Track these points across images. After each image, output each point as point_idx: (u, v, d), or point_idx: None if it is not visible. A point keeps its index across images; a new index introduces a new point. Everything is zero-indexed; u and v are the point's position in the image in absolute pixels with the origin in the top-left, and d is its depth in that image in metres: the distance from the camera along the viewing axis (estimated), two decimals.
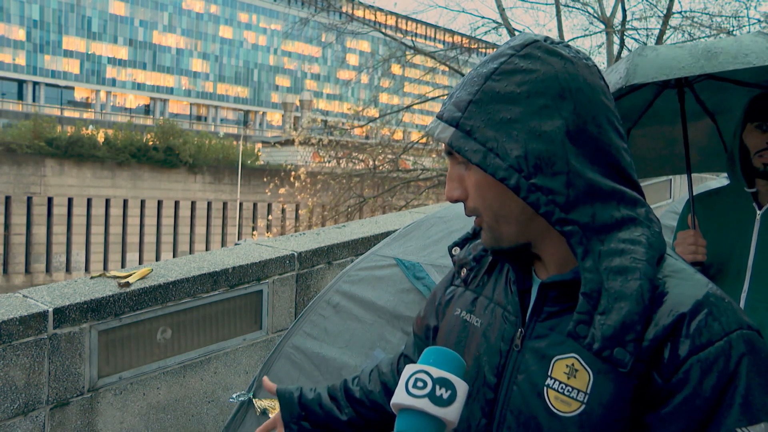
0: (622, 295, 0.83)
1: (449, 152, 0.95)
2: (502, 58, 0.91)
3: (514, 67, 0.89)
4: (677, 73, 1.86)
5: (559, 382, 0.88)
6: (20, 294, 2.62)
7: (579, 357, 0.87)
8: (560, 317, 0.91)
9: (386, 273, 2.59)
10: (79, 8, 62.02)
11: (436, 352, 0.88)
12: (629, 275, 0.84)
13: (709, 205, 2.09)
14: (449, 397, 0.83)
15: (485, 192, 0.92)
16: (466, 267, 1.09)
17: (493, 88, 0.88)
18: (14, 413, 2.39)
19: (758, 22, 13.51)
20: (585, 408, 0.85)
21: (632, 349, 0.81)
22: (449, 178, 0.95)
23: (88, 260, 32.68)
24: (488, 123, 0.87)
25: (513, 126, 0.87)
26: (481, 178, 0.91)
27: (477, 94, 0.89)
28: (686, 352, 0.81)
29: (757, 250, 1.92)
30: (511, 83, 0.88)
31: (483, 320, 1.02)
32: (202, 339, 3.02)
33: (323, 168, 18.45)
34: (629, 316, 0.82)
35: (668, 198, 8.44)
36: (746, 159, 1.96)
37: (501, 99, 0.88)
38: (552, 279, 0.93)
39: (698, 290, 0.85)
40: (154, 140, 34.50)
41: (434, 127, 0.93)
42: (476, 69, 0.93)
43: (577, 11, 14.81)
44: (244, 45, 72.53)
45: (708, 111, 2.39)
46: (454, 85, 0.97)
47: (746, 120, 1.95)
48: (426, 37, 50.08)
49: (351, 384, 1.30)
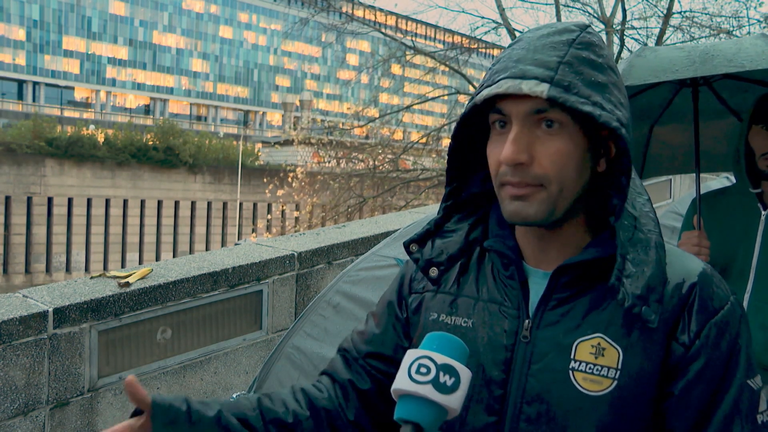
0: (644, 261, 0.91)
1: (528, 114, 0.89)
2: (575, 31, 0.93)
3: (589, 41, 0.92)
4: (670, 76, 1.86)
5: (586, 363, 0.90)
6: (20, 294, 2.61)
7: (605, 336, 0.91)
8: (571, 302, 0.94)
9: (386, 273, 2.58)
10: (79, 8, 62.00)
11: (440, 337, 0.85)
12: (647, 245, 0.93)
13: (713, 206, 2.09)
14: (453, 384, 0.81)
15: (567, 161, 0.90)
16: (437, 267, 1.03)
17: (579, 54, 0.90)
18: (14, 413, 2.39)
19: (758, 23, 13.51)
20: (617, 384, 0.89)
21: (656, 309, 0.89)
22: (515, 140, 0.89)
23: (88, 260, 32.67)
24: (583, 82, 0.89)
25: (605, 90, 0.90)
26: (567, 146, 0.90)
27: (566, 57, 0.89)
28: (704, 317, 0.90)
29: (762, 250, 1.92)
30: (592, 53, 0.91)
31: (475, 320, 0.99)
32: (202, 339, 3.02)
33: (323, 168, 18.44)
34: (652, 279, 0.90)
35: (668, 198, 8.44)
36: (751, 160, 1.96)
37: (589, 65, 0.90)
38: (572, 260, 0.94)
39: (697, 263, 0.95)
40: (154, 140, 34.49)
41: (516, 84, 0.87)
42: (541, 38, 0.92)
43: (577, 11, 14.81)
44: (244, 45, 72.52)
45: (732, 110, 2.38)
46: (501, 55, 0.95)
47: (752, 121, 1.94)
48: (426, 37, 50.10)
49: (267, 404, 1.06)
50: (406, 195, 17.10)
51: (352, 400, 1.08)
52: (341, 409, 1.08)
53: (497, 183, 0.94)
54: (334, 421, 1.07)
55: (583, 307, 0.93)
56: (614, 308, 0.91)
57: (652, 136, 2.58)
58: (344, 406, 1.08)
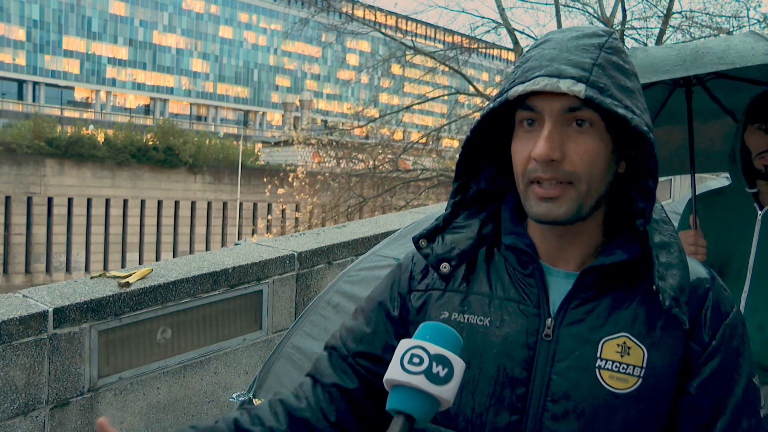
0: (671, 264, 0.94)
1: (564, 111, 0.90)
2: (602, 36, 0.94)
3: (617, 46, 0.94)
4: (661, 75, 1.86)
5: (612, 362, 0.92)
6: (20, 294, 2.62)
7: (630, 335, 0.93)
8: (596, 301, 0.95)
9: (386, 273, 2.58)
10: (79, 8, 62.00)
11: (433, 327, 0.84)
12: (671, 249, 0.95)
13: (710, 206, 2.09)
14: (446, 375, 0.79)
15: (596, 160, 0.92)
16: (449, 263, 1.01)
17: (610, 59, 0.92)
18: (14, 413, 2.39)
19: (758, 23, 13.51)
20: (642, 382, 0.92)
21: (686, 311, 0.92)
22: (549, 137, 0.90)
23: (88, 260, 32.66)
24: (615, 86, 0.91)
25: (633, 95, 0.92)
26: (597, 145, 0.91)
27: (598, 60, 0.91)
28: (719, 319, 0.95)
29: (758, 250, 1.92)
30: (620, 59, 0.93)
31: (492, 318, 0.98)
32: (202, 339, 3.02)
33: (323, 168, 18.44)
34: (682, 281, 0.93)
35: (668, 198, 8.45)
36: (747, 160, 1.96)
37: (619, 69, 0.92)
38: (601, 261, 0.94)
39: (704, 267, 1.00)
40: (154, 140, 34.48)
41: (553, 82, 0.88)
42: (571, 40, 0.93)
43: (577, 11, 14.83)
44: (244, 45, 72.50)
45: (726, 109, 2.38)
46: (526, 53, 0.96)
47: (748, 121, 1.94)
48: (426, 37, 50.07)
49: (244, 424, 1.04)
50: (406, 195, 17.10)
51: (336, 401, 1.06)
52: (322, 413, 1.06)
53: (525, 180, 0.93)
54: (314, 429, 1.05)
55: (606, 306, 0.95)
56: (637, 307, 0.94)
57: None
58: (326, 409, 1.06)
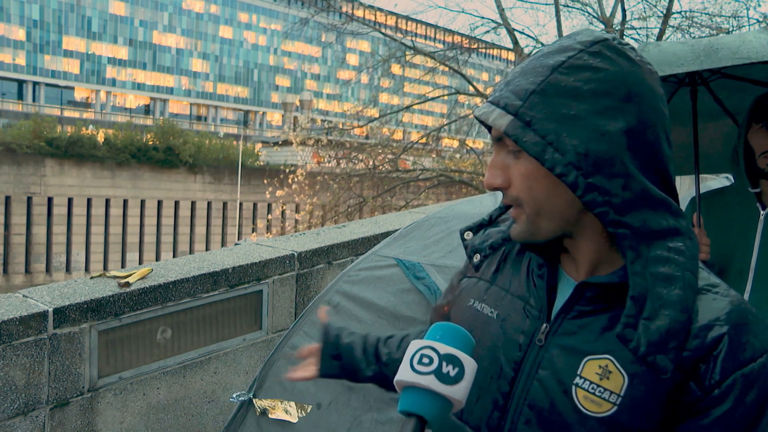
0: (667, 302, 0.83)
1: (498, 138, 0.92)
2: (570, 52, 0.88)
3: (583, 63, 0.87)
4: (676, 69, 1.85)
5: (590, 382, 0.88)
6: (20, 294, 2.61)
7: (614, 359, 0.87)
8: (593, 317, 0.91)
9: (386, 273, 2.59)
10: (79, 8, 61.97)
11: (444, 327, 0.83)
12: (674, 283, 0.85)
13: (712, 206, 2.09)
14: (456, 374, 0.78)
15: (533, 183, 0.89)
16: (479, 253, 1.05)
17: (559, 82, 0.86)
18: (14, 413, 2.39)
19: (758, 23, 13.51)
20: (616, 410, 0.86)
21: (673, 357, 0.83)
22: (492, 165, 0.92)
23: (88, 260, 32.65)
24: (550, 116, 0.86)
25: (576, 122, 0.85)
26: (533, 170, 0.88)
27: (541, 85, 0.87)
28: (731, 366, 0.83)
29: (761, 250, 1.92)
30: (578, 79, 0.86)
31: (500, 311, 1.00)
32: (202, 339, 3.02)
33: (323, 168, 18.44)
34: (674, 323, 0.83)
35: None
36: (751, 159, 1.95)
37: (566, 93, 0.86)
38: (596, 279, 0.92)
39: (737, 306, 0.87)
40: (154, 140, 34.47)
41: (488, 112, 0.90)
42: (538, 59, 0.90)
43: (577, 11, 14.82)
44: (244, 45, 72.47)
45: (727, 111, 2.38)
46: (509, 71, 0.96)
47: (751, 120, 1.94)
48: (426, 37, 50.05)
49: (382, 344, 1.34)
50: (406, 195, 17.11)
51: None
52: None
53: None
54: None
55: (601, 324, 0.90)
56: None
57: None
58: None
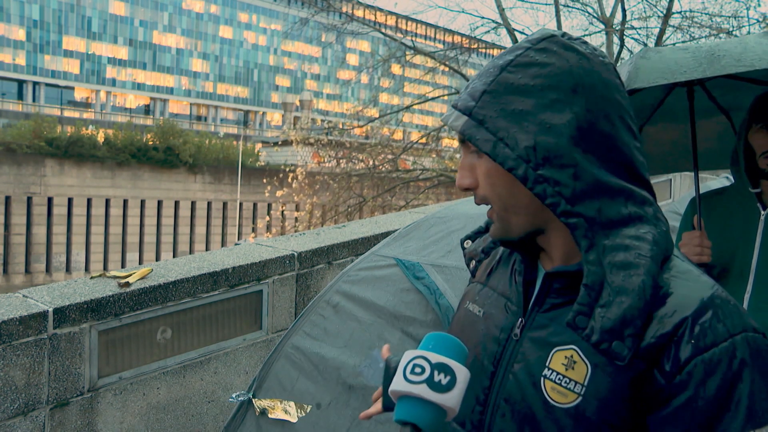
0: (623, 289, 0.83)
1: (462, 140, 0.95)
2: (518, 50, 0.92)
3: (529, 60, 0.90)
4: (679, 77, 1.85)
5: (556, 373, 0.89)
6: (20, 294, 2.61)
7: (578, 349, 0.88)
8: (562, 309, 0.93)
9: (386, 273, 2.59)
10: (79, 8, 61.97)
11: (436, 337, 0.85)
12: (632, 270, 0.84)
13: (712, 206, 2.09)
14: (448, 383, 0.80)
15: (495, 180, 0.92)
16: (475, 259, 1.12)
17: (508, 80, 0.90)
18: (14, 413, 2.39)
19: (758, 23, 13.51)
20: (581, 400, 0.86)
21: (630, 344, 0.82)
22: (461, 167, 0.96)
23: (88, 260, 32.66)
24: (500, 113, 0.89)
25: (525, 117, 0.88)
26: (491, 167, 0.92)
27: (491, 85, 0.90)
28: (690, 352, 0.81)
29: (761, 251, 1.92)
30: (525, 75, 0.89)
31: (485, 309, 1.04)
32: (202, 339, 3.02)
33: (323, 168, 18.45)
34: (630, 310, 0.82)
35: (668, 198, 8.43)
36: (751, 160, 1.95)
37: (515, 90, 0.89)
38: (556, 269, 0.94)
39: (703, 292, 0.86)
40: (154, 140, 34.49)
41: (449, 115, 0.94)
42: (494, 60, 0.95)
43: (577, 11, 14.86)
44: (244, 45, 72.47)
45: (722, 108, 2.38)
46: (470, 77, 1.01)
47: (751, 120, 1.93)
48: (426, 37, 50.06)
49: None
50: (406, 195, 17.13)
51: None
52: None
53: None
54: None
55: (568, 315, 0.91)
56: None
57: (643, 135, 2.59)
58: None
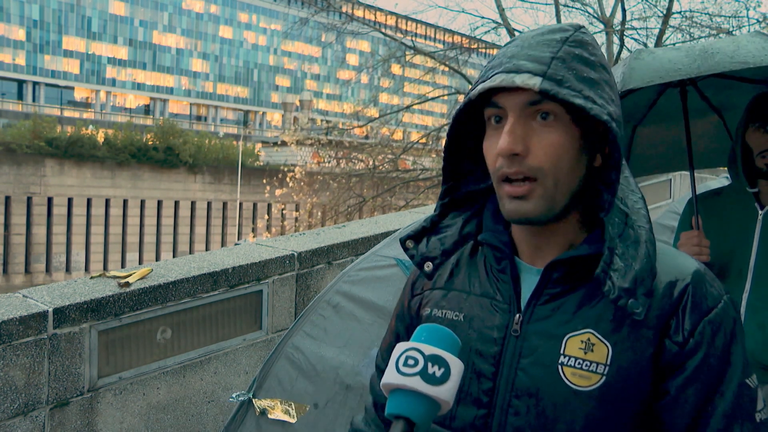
0: (633, 257, 0.90)
1: (528, 104, 0.90)
2: (567, 31, 0.94)
3: (582, 39, 0.94)
4: (673, 76, 1.86)
5: (575, 359, 0.91)
6: (20, 294, 2.62)
7: (595, 331, 0.91)
8: (563, 298, 0.94)
9: (386, 273, 2.59)
10: (79, 8, 61.96)
11: (429, 329, 0.83)
12: (638, 240, 0.92)
13: (710, 206, 2.09)
14: (442, 375, 0.78)
15: (561, 153, 0.91)
16: (431, 261, 1.03)
17: (572, 51, 0.92)
18: (14, 413, 2.39)
19: (758, 23, 13.52)
20: (605, 380, 0.89)
21: (644, 302, 0.88)
22: (510, 132, 0.90)
23: (88, 260, 32.68)
24: (576, 77, 0.90)
25: (597, 86, 0.91)
26: (562, 138, 0.91)
27: (560, 52, 0.91)
28: (698, 315, 0.90)
29: (759, 250, 1.92)
30: (585, 51, 0.93)
31: (465, 313, 1.00)
32: (202, 339, 3.02)
33: (323, 168, 18.46)
34: (641, 272, 0.89)
35: (668, 198, 8.44)
36: (748, 159, 1.96)
37: (582, 61, 0.92)
38: (571, 254, 0.94)
39: (690, 262, 0.96)
40: (154, 140, 34.52)
41: (512, 76, 0.89)
42: (536, 37, 0.94)
43: (577, 11, 14.82)
44: (244, 45, 72.47)
45: (714, 107, 2.39)
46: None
47: (748, 121, 1.94)
48: (426, 37, 50.06)
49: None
50: (405, 195, 17.12)
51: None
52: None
53: (496, 178, 0.94)
54: None
55: (574, 303, 0.93)
56: (605, 304, 0.92)
57: (636, 136, 2.61)
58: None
